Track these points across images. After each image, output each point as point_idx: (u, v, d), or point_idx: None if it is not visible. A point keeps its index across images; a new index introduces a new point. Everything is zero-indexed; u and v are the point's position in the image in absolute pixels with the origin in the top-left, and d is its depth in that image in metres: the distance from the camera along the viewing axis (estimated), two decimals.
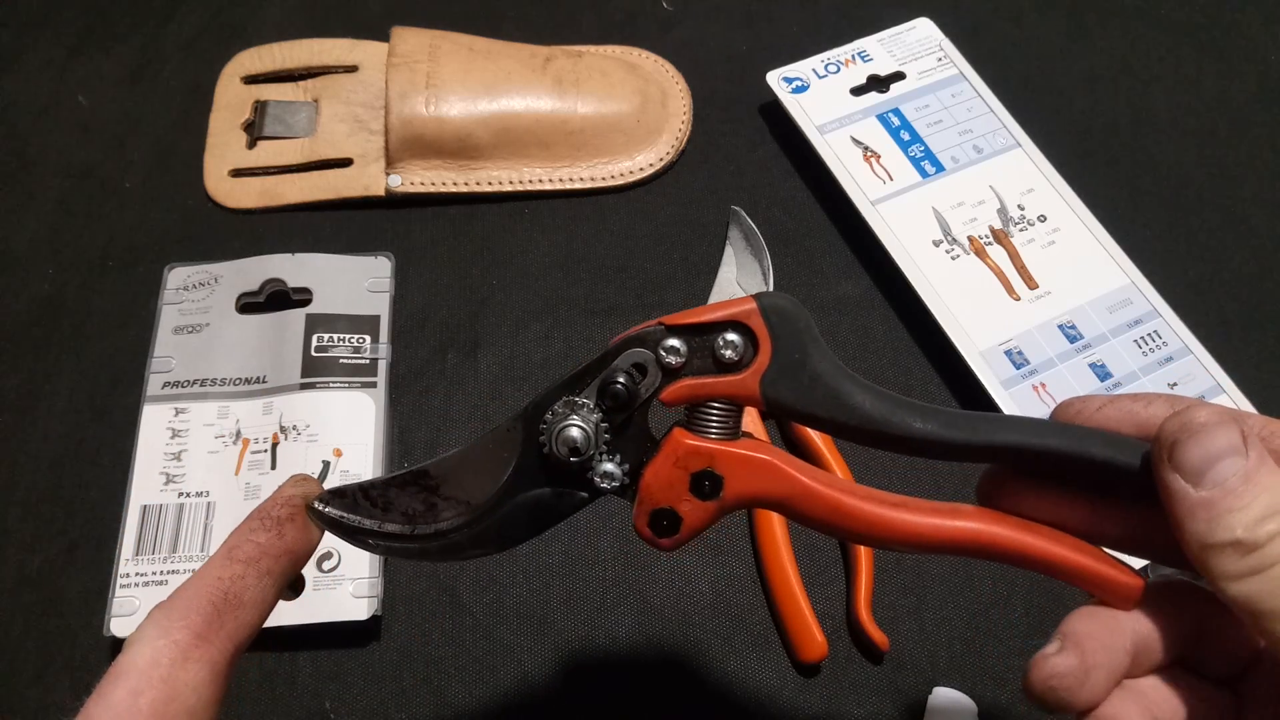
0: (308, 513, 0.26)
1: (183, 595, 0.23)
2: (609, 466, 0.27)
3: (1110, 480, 0.25)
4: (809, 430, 0.46)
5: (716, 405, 0.27)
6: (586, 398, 0.26)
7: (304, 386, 0.47)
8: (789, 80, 0.56)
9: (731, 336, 0.26)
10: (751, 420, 0.46)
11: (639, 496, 0.27)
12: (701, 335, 0.26)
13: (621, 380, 0.26)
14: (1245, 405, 0.47)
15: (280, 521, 0.25)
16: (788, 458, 0.27)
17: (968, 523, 0.26)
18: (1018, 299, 0.49)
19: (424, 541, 0.27)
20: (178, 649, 0.22)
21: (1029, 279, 0.50)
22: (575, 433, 0.26)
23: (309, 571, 0.43)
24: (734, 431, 0.27)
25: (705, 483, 0.26)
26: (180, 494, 0.45)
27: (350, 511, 0.27)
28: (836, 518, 0.26)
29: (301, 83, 0.57)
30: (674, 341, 0.26)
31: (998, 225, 0.52)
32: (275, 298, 0.50)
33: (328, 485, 0.27)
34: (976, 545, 0.26)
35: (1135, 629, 0.25)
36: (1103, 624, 0.25)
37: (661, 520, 0.27)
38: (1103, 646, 0.24)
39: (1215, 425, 0.22)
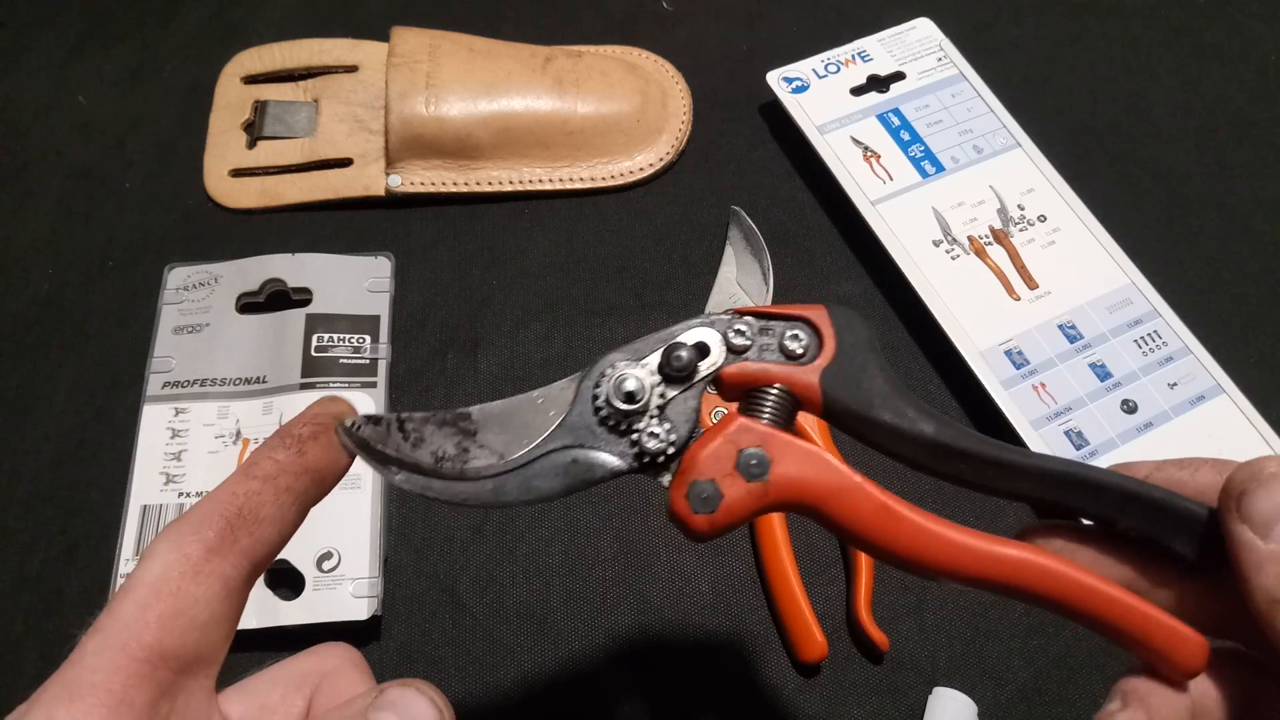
0: (336, 432, 0.25)
1: (197, 510, 0.23)
2: (657, 428, 0.26)
3: (1166, 533, 0.24)
4: (808, 429, 0.46)
5: (775, 391, 0.26)
6: (648, 362, 0.27)
7: (304, 386, 0.47)
8: (789, 80, 0.56)
9: (799, 330, 0.27)
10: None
11: (680, 468, 0.26)
12: (771, 325, 0.27)
13: (685, 352, 0.26)
14: (1245, 405, 0.47)
15: (302, 439, 0.24)
16: (839, 456, 0.26)
17: (1026, 554, 0.24)
18: (1018, 299, 0.49)
19: (449, 479, 0.26)
20: (189, 563, 0.21)
21: (1029, 279, 0.50)
22: (632, 383, 0.26)
23: (309, 571, 0.43)
24: (788, 422, 0.27)
25: (753, 461, 0.25)
26: (180, 494, 0.45)
27: (379, 440, 0.26)
28: (881, 522, 0.25)
29: (301, 83, 0.57)
30: (742, 324, 0.27)
31: (998, 225, 0.52)
32: (275, 298, 0.50)
33: None
34: (1033, 580, 0.24)
35: (1194, 695, 0.24)
36: (1162, 688, 0.24)
37: (701, 494, 0.25)
38: (1167, 707, 0.24)
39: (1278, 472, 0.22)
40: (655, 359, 0.27)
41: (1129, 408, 0.47)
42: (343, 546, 0.44)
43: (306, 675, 0.25)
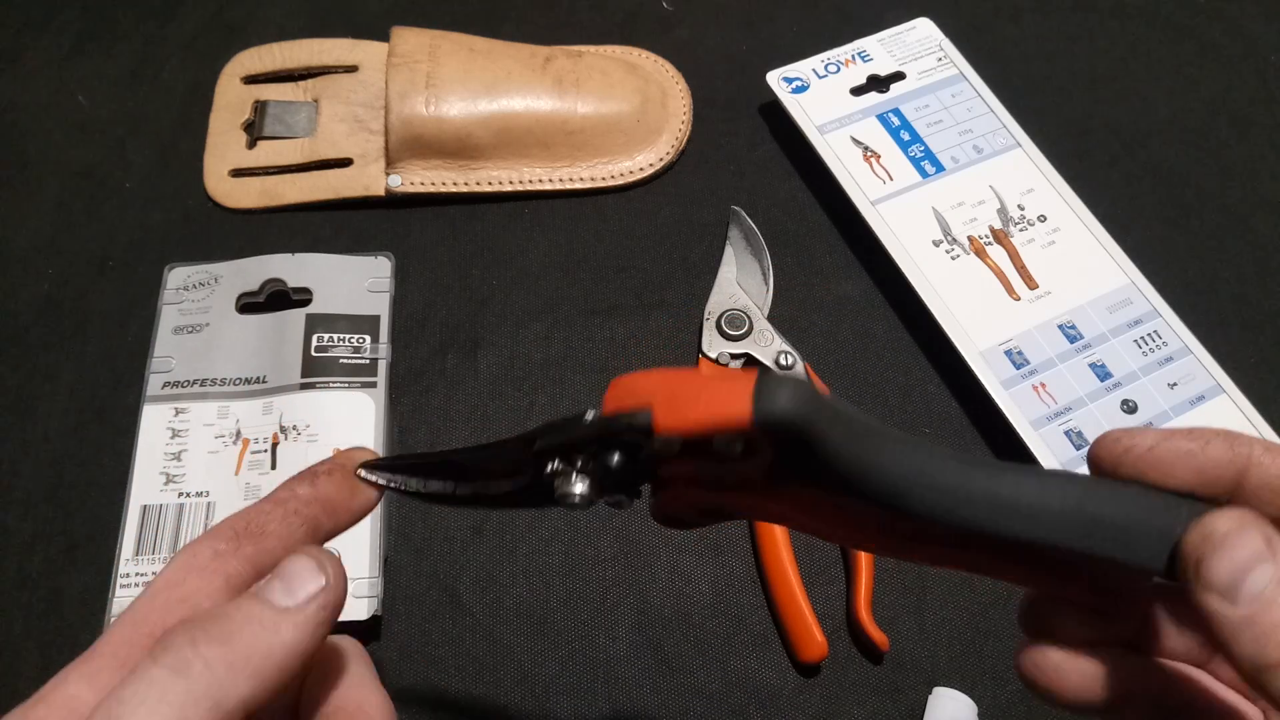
0: (355, 473, 0.28)
1: (214, 528, 0.25)
2: (578, 487, 0.26)
3: (1130, 550, 0.22)
4: None
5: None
6: (585, 460, 0.26)
7: (304, 386, 0.47)
8: (789, 80, 0.56)
9: (727, 440, 0.23)
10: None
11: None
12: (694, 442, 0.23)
13: (615, 462, 0.25)
14: (1245, 405, 0.47)
15: (317, 474, 0.27)
16: None
17: None
18: (1018, 299, 0.49)
19: (464, 500, 0.28)
20: (197, 561, 0.24)
21: (1029, 279, 0.50)
22: (577, 491, 0.26)
23: None
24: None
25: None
26: (180, 494, 0.45)
27: (394, 472, 0.28)
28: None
29: (301, 83, 0.57)
30: (662, 443, 0.23)
31: (998, 225, 0.52)
32: (275, 298, 0.50)
33: None
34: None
35: None
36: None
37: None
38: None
39: (1235, 533, 0.20)
40: (588, 462, 0.25)
41: (1129, 408, 0.47)
42: (343, 546, 0.44)
43: None
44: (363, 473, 0.28)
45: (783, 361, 0.48)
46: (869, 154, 0.54)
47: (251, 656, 0.21)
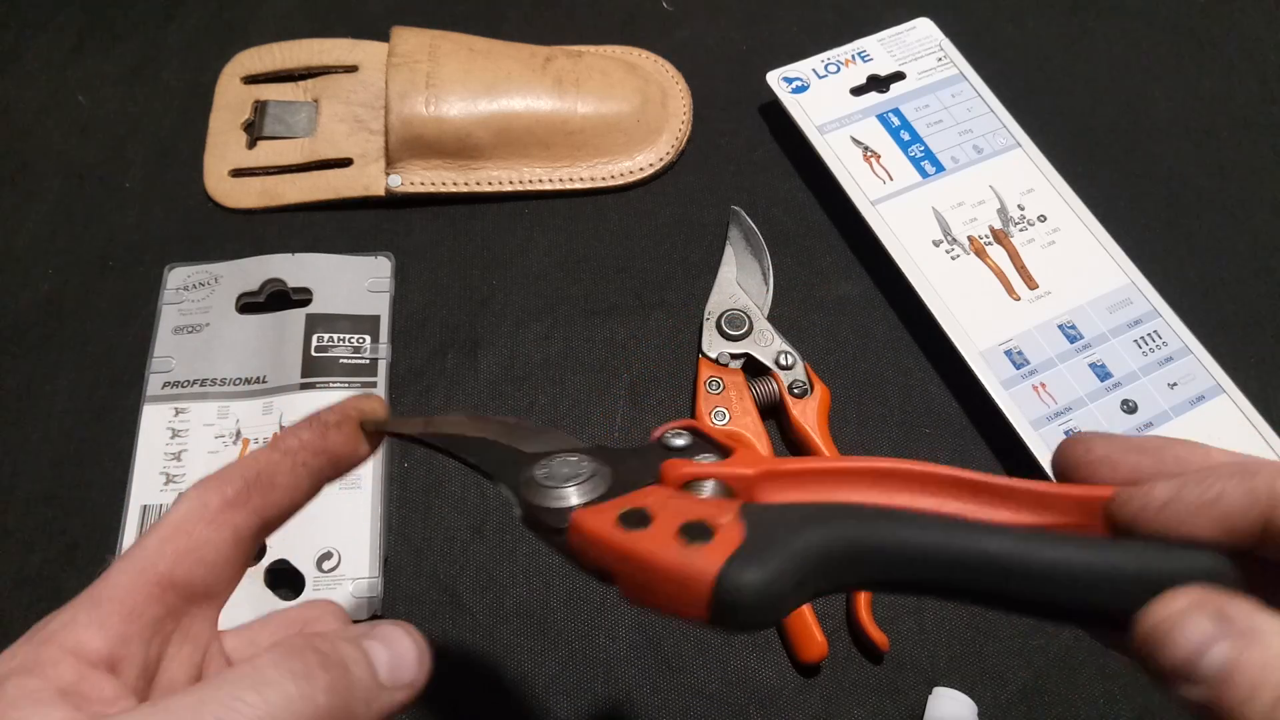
0: (360, 425, 0.28)
1: (224, 470, 0.26)
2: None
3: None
4: (807, 429, 0.46)
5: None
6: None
7: (304, 386, 0.47)
8: (789, 80, 0.56)
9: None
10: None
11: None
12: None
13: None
14: (1245, 405, 0.47)
15: (327, 425, 0.28)
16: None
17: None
18: (1018, 299, 0.49)
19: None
20: (207, 510, 0.25)
21: (1029, 279, 0.50)
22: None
23: (309, 571, 0.43)
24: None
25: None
26: (180, 494, 0.45)
27: (400, 428, 0.29)
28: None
29: (301, 83, 0.57)
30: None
31: (998, 225, 0.52)
32: (275, 298, 0.50)
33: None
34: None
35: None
36: None
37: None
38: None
39: (1181, 615, 0.20)
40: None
41: (1129, 408, 0.47)
42: (343, 546, 0.44)
43: (294, 623, 0.28)
44: (370, 430, 0.29)
45: (783, 361, 0.48)
46: (869, 154, 0.54)
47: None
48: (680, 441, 0.28)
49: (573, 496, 0.26)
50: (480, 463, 0.28)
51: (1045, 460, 0.45)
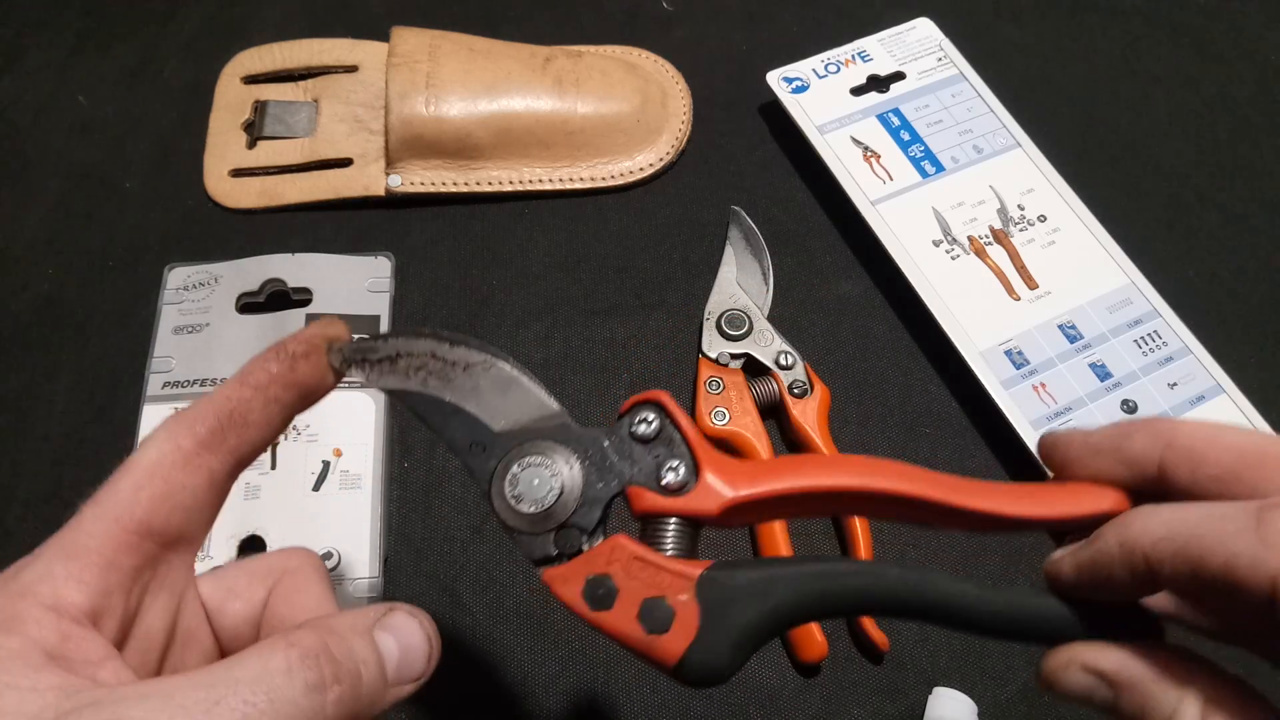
0: (326, 352, 0.28)
1: (195, 407, 0.25)
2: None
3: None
4: (807, 429, 0.46)
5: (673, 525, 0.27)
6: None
7: None
8: (789, 80, 0.56)
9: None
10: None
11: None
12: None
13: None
14: (1245, 405, 0.47)
15: (295, 356, 0.27)
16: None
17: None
18: (1018, 299, 0.49)
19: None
20: (180, 453, 0.24)
21: (1029, 279, 0.50)
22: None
23: None
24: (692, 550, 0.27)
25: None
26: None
27: (365, 357, 0.29)
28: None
29: (301, 83, 0.57)
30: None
31: (998, 225, 0.52)
32: (275, 298, 0.50)
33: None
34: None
35: None
36: None
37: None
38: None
39: (1062, 669, 0.24)
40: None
41: (1129, 408, 0.47)
42: (343, 546, 0.44)
43: (270, 570, 0.28)
44: (336, 361, 0.28)
45: (783, 361, 0.48)
46: (869, 154, 0.54)
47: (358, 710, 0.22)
48: (645, 429, 0.28)
49: (544, 544, 0.27)
50: (452, 443, 0.28)
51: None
